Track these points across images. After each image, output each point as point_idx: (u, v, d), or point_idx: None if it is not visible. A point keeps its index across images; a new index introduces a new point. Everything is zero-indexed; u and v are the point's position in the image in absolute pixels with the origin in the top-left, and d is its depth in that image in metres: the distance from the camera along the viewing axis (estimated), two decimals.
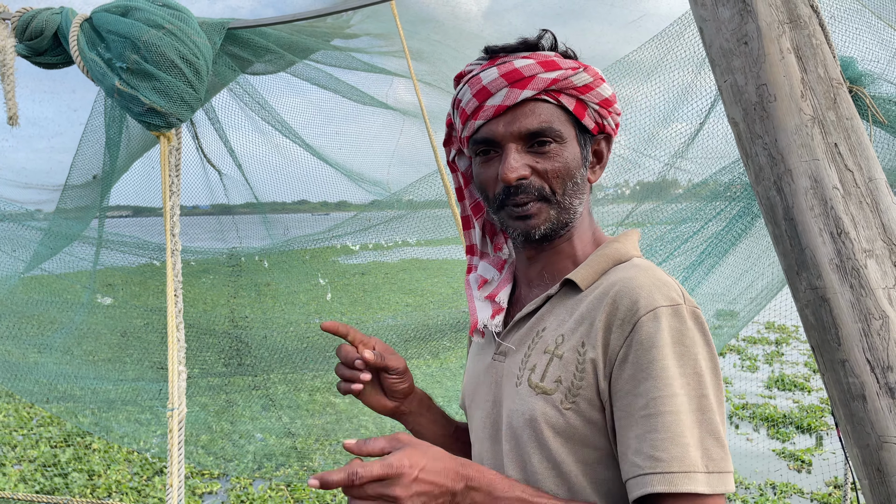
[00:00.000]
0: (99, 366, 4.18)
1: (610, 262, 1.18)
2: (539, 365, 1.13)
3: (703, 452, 0.98)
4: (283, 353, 4.20)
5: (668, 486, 0.96)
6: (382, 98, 3.69)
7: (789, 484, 5.53)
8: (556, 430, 1.09)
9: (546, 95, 1.13)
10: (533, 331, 1.18)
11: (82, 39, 2.28)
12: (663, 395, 0.99)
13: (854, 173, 1.41)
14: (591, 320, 1.09)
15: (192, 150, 3.61)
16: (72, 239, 3.74)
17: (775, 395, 7.97)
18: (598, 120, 1.20)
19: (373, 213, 4.09)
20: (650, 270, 1.11)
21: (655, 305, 1.04)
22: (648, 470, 0.98)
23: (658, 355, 1.01)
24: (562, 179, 1.15)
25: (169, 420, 2.29)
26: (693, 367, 1.01)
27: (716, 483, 0.97)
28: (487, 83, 1.14)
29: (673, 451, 0.97)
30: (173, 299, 2.36)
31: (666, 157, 3.20)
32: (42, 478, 5.96)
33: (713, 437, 0.99)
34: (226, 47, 2.63)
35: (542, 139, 1.14)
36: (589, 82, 1.17)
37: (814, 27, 1.54)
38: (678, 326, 1.03)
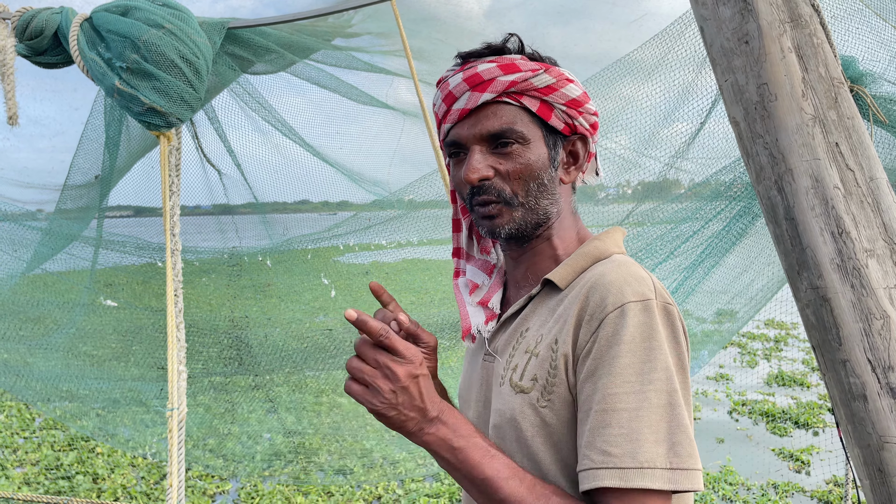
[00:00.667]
0: (99, 366, 4.18)
1: (589, 260, 1.18)
2: (520, 365, 1.14)
3: (668, 448, 0.97)
4: (285, 352, 4.20)
5: (619, 481, 0.95)
6: (383, 98, 3.69)
7: (791, 483, 5.53)
8: (535, 428, 1.09)
9: (508, 98, 1.15)
10: (517, 331, 1.20)
11: (82, 39, 2.28)
12: (621, 391, 0.99)
13: (855, 173, 1.41)
14: (566, 318, 1.10)
15: (191, 149, 3.61)
16: (71, 239, 3.74)
17: (774, 391, 7.98)
18: (568, 121, 1.20)
19: (373, 212, 4.09)
20: (625, 266, 1.10)
21: (624, 301, 1.03)
22: (600, 464, 0.97)
23: (620, 351, 1.00)
24: (524, 181, 1.16)
25: (169, 420, 2.28)
26: (662, 363, 1.01)
27: (680, 479, 0.97)
28: (453, 88, 1.17)
29: (626, 447, 0.97)
30: (173, 299, 2.35)
31: (667, 157, 3.20)
32: (46, 480, 5.95)
33: (682, 432, 0.99)
34: (226, 47, 2.63)
35: (504, 140, 1.15)
36: (551, 83, 1.17)
37: (815, 26, 1.54)
38: (647, 321, 1.02)
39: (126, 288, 4.61)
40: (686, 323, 4.35)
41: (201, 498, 5.48)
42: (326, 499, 5.34)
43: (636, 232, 3.43)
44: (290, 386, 4.94)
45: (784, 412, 7.15)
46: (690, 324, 4.22)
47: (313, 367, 4.16)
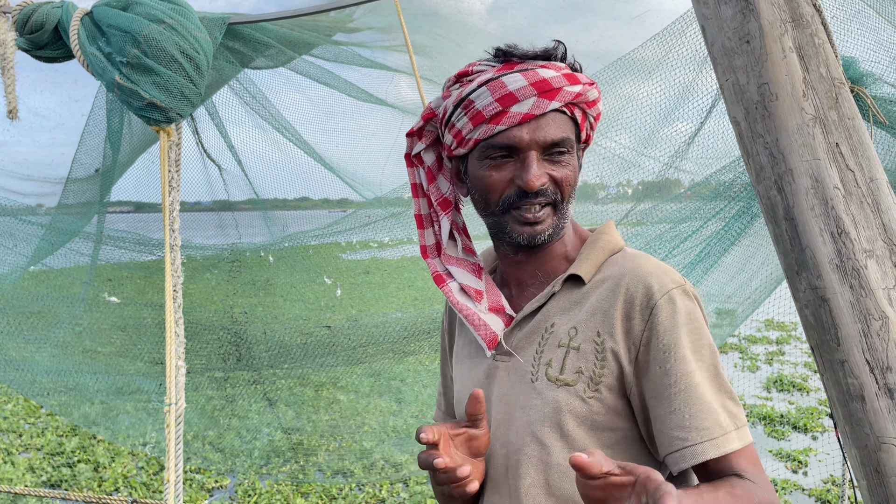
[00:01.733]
0: (98, 361, 4.19)
1: (606, 253, 1.25)
2: (555, 359, 1.17)
3: (728, 414, 1.11)
4: (287, 349, 4.21)
5: (718, 450, 1.07)
6: (382, 95, 3.68)
7: (789, 481, 5.55)
8: (580, 419, 1.14)
9: (565, 108, 1.19)
10: (541, 328, 1.21)
11: (83, 33, 2.27)
12: (688, 370, 1.10)
13: (855, 173, 1.41)
14: (605, 310, 1.15)
15: (192, 145, 3.60)
16: (73, 235, 3.74)
17: (773, 396, 7.98)
18: (590, 131, 1.28)
19: (373, 210, 4.09)
20: (649, 257, 1.21)
21: (668, 288, 1.14)
22: (696, 440, 1.08)
23: (679, 334, 1.11)
24: (571, 187, 1.22)
25: (167, 415, 2.28)
26: (706, 340, 1.13)
27: (744, 436, 1.11)
28: (515, 89, 1.15)
29: (710, 419, 1.09)
30: (172, 294, 2.35)
31: (666, 157, 3.20)
32: (49, 468, 5.97)
33: (731, 398, 1.13)
34: (226, 42, 2.62)
35: (560, 149, 1.19)
36: (596, 98, 1.24)
37: (816, 26, 1.54)
38: (689, 305, 1.14)
39: (129, 283, 4.62)
40: None
41: (198, 492, 5.48)
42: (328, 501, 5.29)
43: (635, 231, 3.44)
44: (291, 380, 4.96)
45: (783, 416, 7.17)
46: None
47: (314, 363, 4.17)
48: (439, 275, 1.34)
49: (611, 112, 3.13)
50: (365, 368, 4.80)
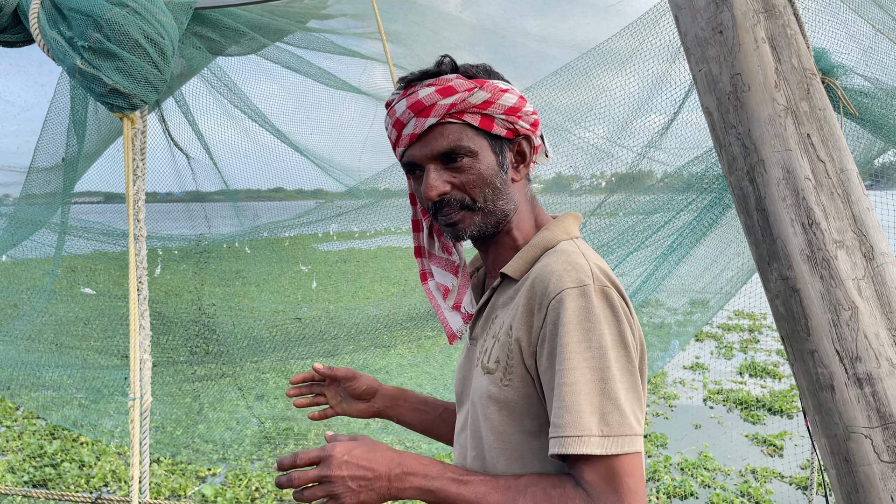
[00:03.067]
0: (68, 354, 4.10)
1: (539, 250, 1.29)
2: (489, 349, 1.27)
3: (600, 418, 1.09)
4: (259, 341, 4.17)
5: (562, 448, 1.09)
6: (356, 83, 3.64)
7: (769, 469, 5.62)
8: (499, 404, 1.22)
9: (451, 118, 1.25)
10: (490, 318, 1.32)
11: (43, 17, 2.20)
12: (563, 368, 1.11)
13: (826, 164, 1.41)
14: (518, 305, 1.22)
15: (159, 133, 3.52)
16: (39, 226, 3.65)
17: (747, 380, 8.12)
18: (510, 126, 1.30)
19: (346, 201, 4.04)
20: (565, 255, 1.21)
21: (562, 288, 1.15)
22: (553, 434, 1.11)
23: (561, 333, 1.12)
24: (480, 188, 1.27)
25: (131, 410, 2.23)
26: (598, 342, 1.12)
27: (611, 445, 1.09)
28: (400, 115, 1.28)
29: (566, 418, 1.09)
30: (136, 286, 2.30)
31: (640, 147, 3.20)
32: (31, 468, 5.84)
33: (612, 404, 1.10)
34: (193, 28, 2.56)
35: (454, 155, 1.26)
36: (487, 98, 1.26)
37: (788, 17, 1.53)
38: (584, 305, 1.13)
39: (95, 274, 4.53)
40: (657, 313, 4.36)
41: (191, 479, 5.43)
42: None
43: (608, 222, 3.43)
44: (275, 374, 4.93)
45: (758, 400, 7.28)
46: (662, 314, 4.25)
47: (285, 356, 4.13)
48: (424, 273, 1.48)
49: (585, 103, 3.12)
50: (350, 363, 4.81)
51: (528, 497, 1.12)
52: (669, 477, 5.39)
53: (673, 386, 7.95)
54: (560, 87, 3.05)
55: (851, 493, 1.34)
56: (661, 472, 5.50)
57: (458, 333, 1.39)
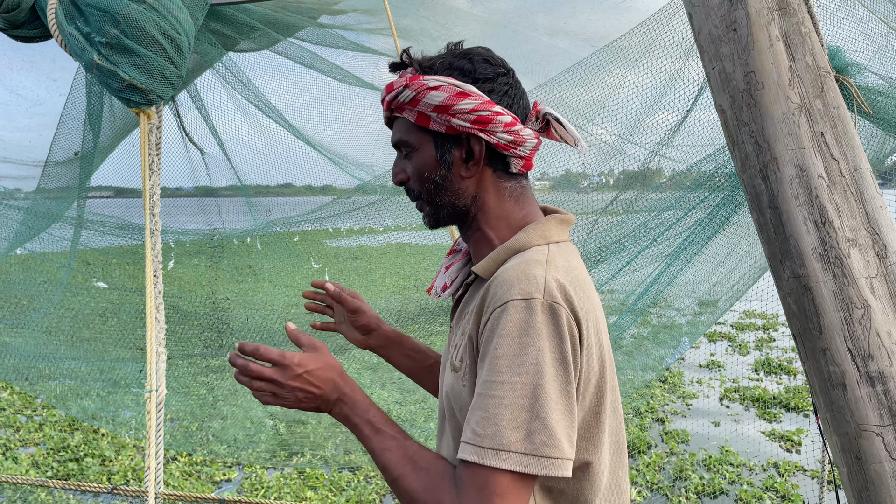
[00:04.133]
0: (83, 347, 4.14)
1: (509, 252, 1.26)
2: (458, 345, 1.27)
3: (525, 435, 1.08)
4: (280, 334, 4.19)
5: (477, 457, 1.08)
6: (368, 79, 3.65)
7: (790, 462, 5.63)
8: (460, 403, 1.22)
9: (397, 112, 1.32)
10: (463, 314, 1.33)
11: (60, 13, 2.22)
12: (493, 380, 1.10)
13: (839, 162, 1.41)
14: (476, 307, 1.22)
15: (173, 129, 3.55)
16: (54, 219, 3.68)
17: (762, 377, 8.12)
18: (446, 123, 1.28)
19: (358, 196, 4.06)
20: (525, 264, 1.18)
21: (508, 299, 1.13)
22: (467, 440, 1.11)
23: (497, 343, 1.11)
24: (419, 181, 1.32)
25: (147, 402, 2.26)
26: (533, 358, 1.09)
27: (531, 464, 1.07)
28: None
29: (487, 430, 1.09)
30: (152, 279, 2.32)
31: (651, 145, 3.20)
32: (55, 463, 5.89)
33: (540, 422, 1.08)
34: (208, 24, 2.58)
35: (402, 149, 1.34)
36: (413, 96, 1.28)
37: (803, 15, 1.53)
38: (526, 319, 1.11)
39: (110, 268, 4.57)
40: (667, 312, 4.33)
41: (206, 484, 5.46)
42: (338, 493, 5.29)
43: (619, 220, 3.43)
44: None
45: (774, 397, 7.30)
46: (671, 314, 4.24)
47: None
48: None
49: (597, 100, 3.12)
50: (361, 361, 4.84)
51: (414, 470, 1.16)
52: (697, 475, 5.41)
53: (690, 385, 7.98)
54: (572, 84, 3.05)
55: (862, 491, 1.35)
56: (688, 469, 5.52)
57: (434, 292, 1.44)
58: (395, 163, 1.37)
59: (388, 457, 1.18)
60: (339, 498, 5.19)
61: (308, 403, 1.20)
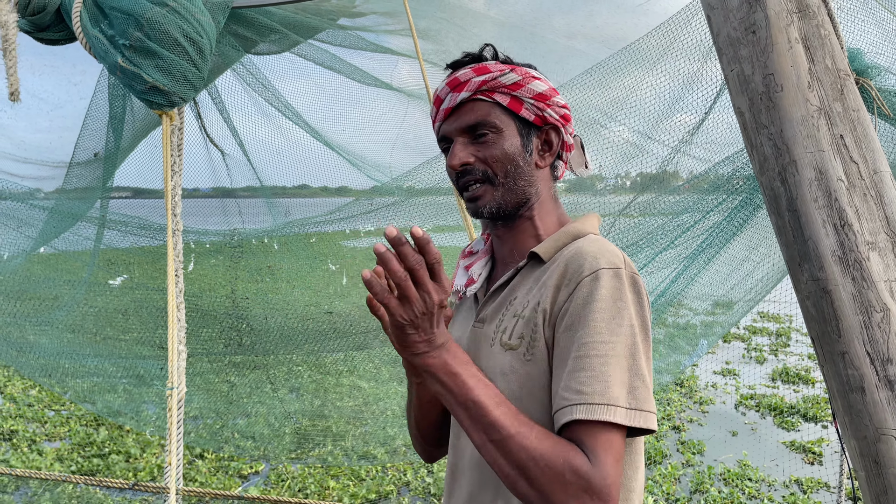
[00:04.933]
0: (104, 344, 4.20)
1: (569, 237, 1.35)
2: (509, 327, 1.30)
3: (628, 391, 1.13)
4: (300, 333, 4.23)
5: (589, 413, 1.11)
6: (387, 79, 3.67)
7: (813, 479, 5.50)
8: (522, 379, 1.25)
9: (482, 95, 1.34)
10: (506, 301, 1.35)
11: (85, 16, 2.26)
12: (594, 340, 1.15)
13: (859, 165, 1.41)
14: (547, 283, 1.27)
15: (194, 130, 3.59)
16: (77, 219, 3.74)
17: (779, 386, 8.02)
18: (538, 112, 1.37)
19: (375, 198, 4.08)
20: (600, 242, 1.28)
21: (598, 267, 1.20)
22: (574, 401, 1.12)
23: (594, 308, 1.17)
24: (501, 163, 1.33)
25: (168, 399, 2.29)
26: (628, 321, 1.17)
27: (636, 418, 1.13)
28: (439, 92, 1.39)
29: (596, 387, 1.12)
30: (174, 279, 2.36)
31: (669, 148, 3.19)
32: (80, 458, 5.97)
33: (640, 380, 1.15)
34: (230, 26, 2.61)
35: (481, 131, 1.34)
36: (518, 80, 1.34)
37: (822, 17, 1.53)
38: (617, 285, 1.19)
39: (131, 267, 4.64)
40: (684, 313, 4.33)
41: (232, 479, 5.52)
42: (358, 483, 5.41)
43: (636, 221, 3.43)
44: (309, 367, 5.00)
45: (792, 406, 7.19)
46: (686, 314, 4.23)
47: (317, 349, 4.18)
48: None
49: (615, 102, 3.12)
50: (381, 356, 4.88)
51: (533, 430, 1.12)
52: (716, 489, 5.30)
53: (706, 390, 7.89)
54: (591, 86, 3.05)
55: (881, 496, 1.34)
56: (707, 483, 5.41)
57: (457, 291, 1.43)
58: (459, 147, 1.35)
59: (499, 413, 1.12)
60: (360, 488, 5.30)
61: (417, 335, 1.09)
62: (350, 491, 5.25)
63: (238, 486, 5.38)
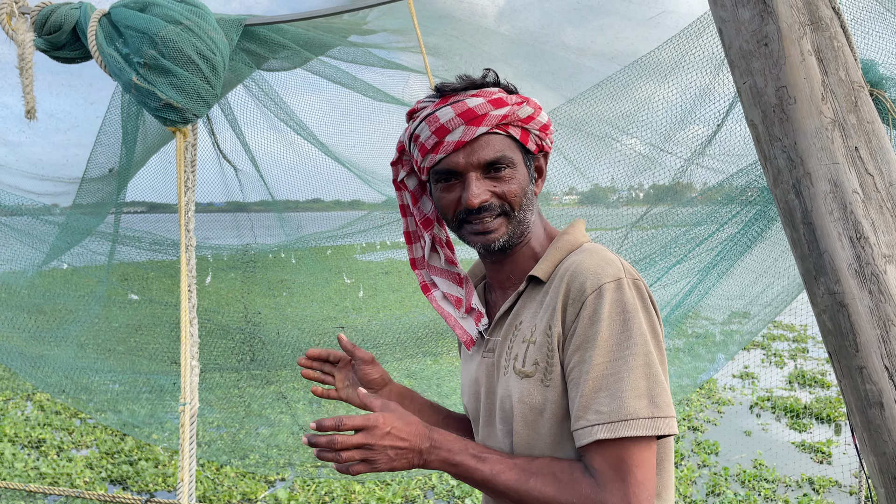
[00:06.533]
0: (115, 359, 4.23)
1: (564, 252, 1.34)
2: (520, 354, 1.30)
3: (649, 401, 1.15)
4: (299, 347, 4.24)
5: (611, 432, 1.13)
6: (398, 95, 3.69)
7: (825, 478, 5.53)
8: (540, 406, 1.25)
9: (498, 129, 1.31)
10: (512, 325, 1.35)
11: (100, 34, 2.29)
12: (607, 359, 1.17)
13: (875, 177, 1.39)
14: (553, 305, 1.26)
15: (207, 146, 3.62)
16: (87, 234, 3.77)
17: (796, 389, 8.03)
18: (538, 142, 1.38)
19: (387, 212, 4.10)
20: (596, 253, 1.28)
21: (600, 283, 1.21)
22: (593, 422, 1.15)
23: (601, 327, 1.18)
24: (518, 198, 1.33)
25: (181, 415, 2.29)
26: (638, 329, 1.18)
27: (660, 425, 1.15)
28: (445, 121, 1.30)
29: (614, 405, 1.14)
30: (187, 294, 2.36)
31: (682, 160, 3.18)
32: (110, 465, 6.01)
33: (659, 386, 1.17)
34: (242, 44, 2.63)
35: (498, 166, 1.31)
36: (531, 113, 1.34)
37: (835, 29, 1.52)
38: (620, 297, 1.20)
39: (156, 282, 4.69)
40: (701, 325, 4.32)
41: (258, 484, 5.55)
42: (385, 487, 5.47)
43: (650, 234, 3.42)
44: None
45: (806, 407, 7.22)
46: (704, 325, 4.21)
47: None
48: (425, 284, 1.53)
49: (626, 114, 3.12)
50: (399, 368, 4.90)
51: (538, 478, 1.18)
52: (732, 491, 5.33)
53: (724, 391, 7.91)
54: (602, 99, 3.05)
55: None
56: (722, 485, 5.44)
57: (474, 338, 1.44)
58: (475, 183, 1.30)
59: (505, 478, 1.20)
60: (386, 492, 5.35)
61: (400, 460, 1.19)
62: (376, 495, 5.32)
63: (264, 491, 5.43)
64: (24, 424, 7.12)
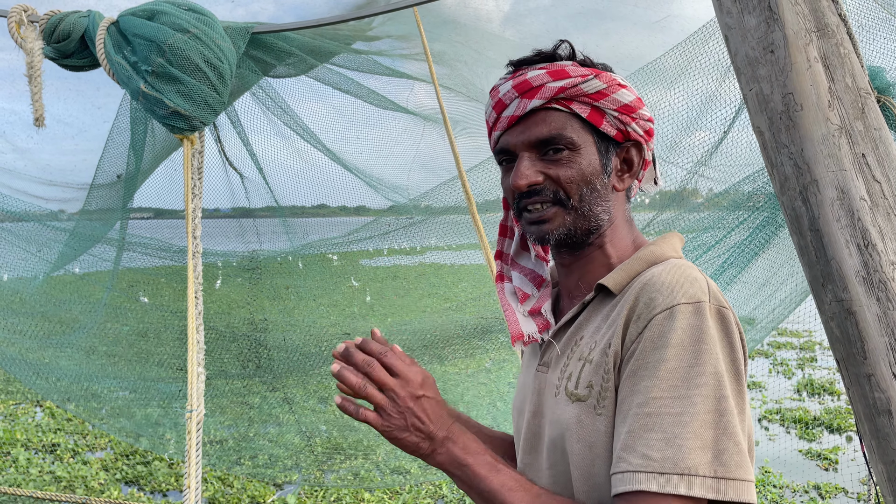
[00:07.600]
0: (121, 366, 4.24)
1: (644, 264, 1.14)
2: (574, 373, 1.11)
3: (713, 456, 0.94)
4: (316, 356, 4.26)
5: (659, 486, 0.93)
6: (403, 103, 3.70)
7: (832, 484, 5.52)
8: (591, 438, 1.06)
9: (557, 104, 1.13)
10: (572, 340, 1.17)
11: (108, 43, 2.31)
12: (666, 395, 0.96)
13: (882, 184, 1.39)
14: (616, 321, 1.07)
15: (213, 153, 3.64)
16: (95, 240, 3.79)
17: (805, 398, 7.99)
18: (621, 127, 1.17)
19: (392, 218, 4.11)
20: (679, 268, 1.07)
21: (674, 303, 1.00)
22: (638, 468, 0.94)
23: (666, 354, 0.97)
24: (576, 185, 1.14)
25: (187, 422, 2.30)
26: (712, 367, 0.97)
27: (722, 488, 0.93)
28: (503, 95, 1.16)
29: (667, 452, 0.94)
30: (193, 301, 2.37)
31: (689, 166, 3.18)
32: (125, 466, 6.04)
33: (730, 440, 0.95)
34: (248, 51, 2.65)
35: (555, 146, 1.13)
36: (602, 88, 1.14)
37: (842, 36, 1.52)
38: (697, 324, 0.98)
39: (166, 288, 4.72)
40: None
41: (267, 487, 5.58)
42: (394, 496, 5.44)
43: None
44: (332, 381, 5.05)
45: (816, 418, 7.19)
46: None
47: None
48: (500, 274, 1.35)
49: None
50: None
51: None
52: None
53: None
54: None
55: None
56: None
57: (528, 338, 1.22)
58: (526, 164, 1.14)
59: (515, 497, 1.02)
60: (396, 500, 5.35)
61: (410, 435, 1.03)
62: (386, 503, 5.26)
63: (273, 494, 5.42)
64: (36, 430, 7.16)
